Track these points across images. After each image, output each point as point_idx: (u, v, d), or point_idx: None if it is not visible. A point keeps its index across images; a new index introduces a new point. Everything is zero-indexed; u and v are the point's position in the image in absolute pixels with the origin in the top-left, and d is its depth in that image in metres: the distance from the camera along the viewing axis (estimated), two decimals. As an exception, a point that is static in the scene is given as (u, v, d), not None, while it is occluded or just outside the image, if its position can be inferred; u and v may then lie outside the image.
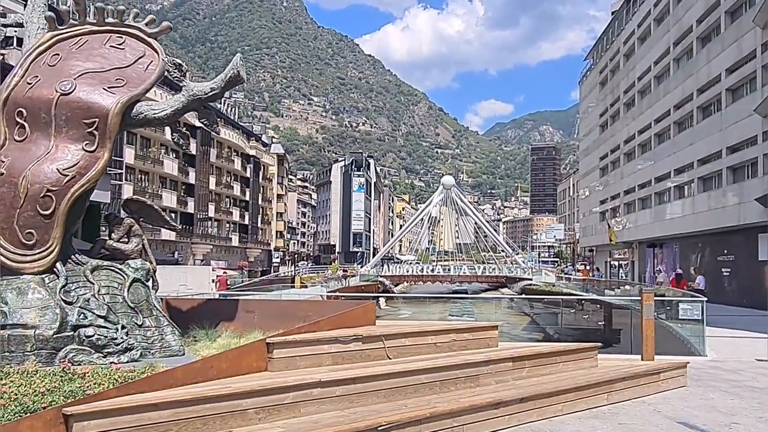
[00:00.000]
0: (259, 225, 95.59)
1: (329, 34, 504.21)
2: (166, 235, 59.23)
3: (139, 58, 8.40)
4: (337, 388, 7.07)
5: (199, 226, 73.18)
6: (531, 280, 69.21)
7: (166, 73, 8.35)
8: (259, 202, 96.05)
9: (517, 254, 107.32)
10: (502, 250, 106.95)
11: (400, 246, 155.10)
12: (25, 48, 8.52)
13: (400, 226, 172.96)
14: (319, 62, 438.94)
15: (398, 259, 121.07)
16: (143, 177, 62.77)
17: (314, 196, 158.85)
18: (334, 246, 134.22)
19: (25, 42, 8.64)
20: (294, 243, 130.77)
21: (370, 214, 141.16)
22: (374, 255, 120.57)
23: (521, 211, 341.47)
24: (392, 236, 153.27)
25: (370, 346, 8.36)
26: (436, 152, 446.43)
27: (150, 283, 8.34)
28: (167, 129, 57.29)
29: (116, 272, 8.08)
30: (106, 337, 7.34)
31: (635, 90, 54.60)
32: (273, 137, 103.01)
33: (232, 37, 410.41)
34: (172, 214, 64.38)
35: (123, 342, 7.45)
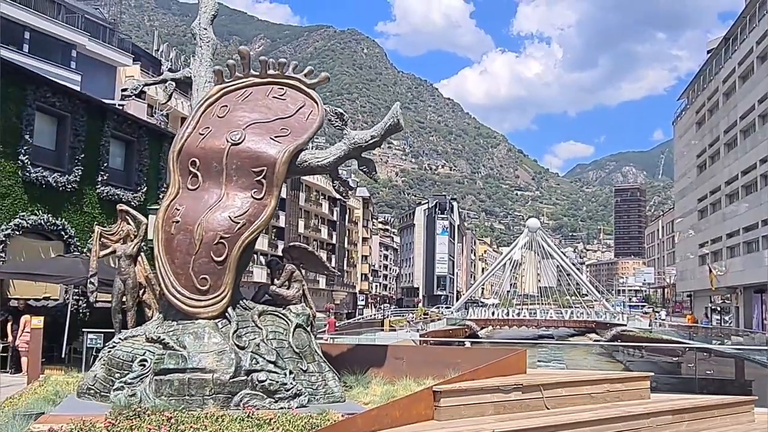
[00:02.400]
0: (344, 268, 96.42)
1: (409, 79, 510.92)
2: (257, 276, 60.33)
3: (300, 107, 8.66)
4: (509, 440, 6.93)
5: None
6: (625, 325, 66.95)
7: (327, 122, 8.56)
8: (345, 245, 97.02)
9: (606, 299, 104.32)
10: (586, 294, 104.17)
11: (482, 289, 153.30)
12: (194, 100, 8.91)
13: (483, 269, 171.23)
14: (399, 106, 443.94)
15: (482, 302, 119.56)
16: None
17: (396, 239, 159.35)
18: (418, 289, 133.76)
19: (194, 95, 9.06)
20: (376, 285, 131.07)
21: (453, 257, 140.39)
22: (457, 298, 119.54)
23: (604, 254, 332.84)
24: (474, 279, 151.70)
25: (529, 395, 8.21)
26: (516, 194, 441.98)
27: (311, 329, 8.46)
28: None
29: (280, 318, 8.23)
30: (277, 382, 7.43)
31: (737, 129, 52.79)
32: (356, 181, 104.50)
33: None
34: (263, 257, 65.62)
35: (292, 387, 7.53)
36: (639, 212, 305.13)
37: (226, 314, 7.75)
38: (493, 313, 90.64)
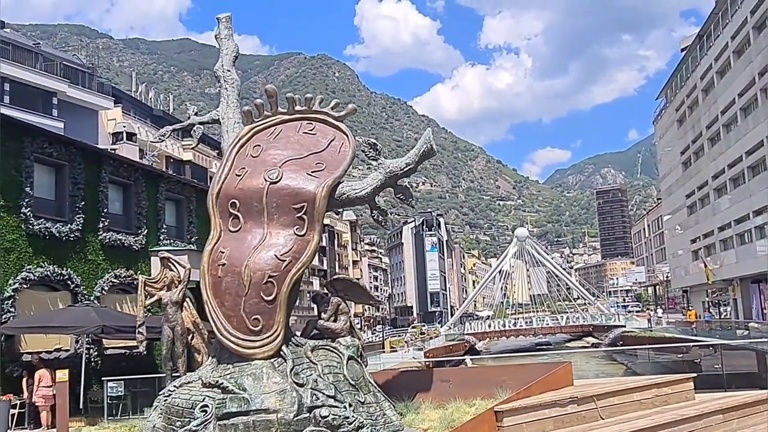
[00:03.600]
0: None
1: (382, 99, 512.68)
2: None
3: (331, 141, 8.73)
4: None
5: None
6: (624, 326, 67.14)
7: (361, 153, 8.64)
8: (336, 269, 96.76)
9: (599, 301, 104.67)
10: (577, 298, 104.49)
11: (475, 302, 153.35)
12: (225, 142, 8.96)
13: (473, 282, 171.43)
14: (375, 127, 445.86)
15: (476, 315, 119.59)
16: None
17: (384, 259, 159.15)
18: (411, 307, 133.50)
19: (224, 136, 9.10)
20: (370, 307, 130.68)
21: (444, 273, 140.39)
22: (451, 313, 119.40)
23: (591, 256, 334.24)
24: (466, 293, 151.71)
25: (584, 407, 8.28)
26: (498, 205, 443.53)
27: (361, 360, 8.46)
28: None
29: (332, 351, 8.24)
30: (340, 416, 7.43)
31: (719, 124, 53.52)
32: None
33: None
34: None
35: (354, 420, 7.53)
36: (622, 212, 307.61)
37: (281, 352, 7.75)
38: (489, 326, 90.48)
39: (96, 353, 21.36)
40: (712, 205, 57.64)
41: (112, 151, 26.19)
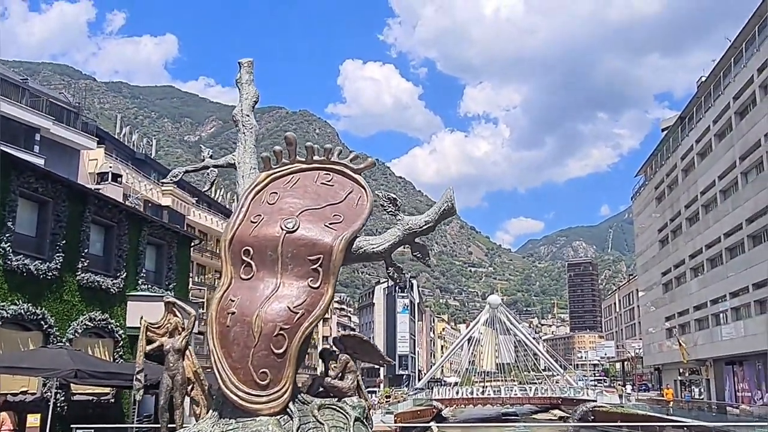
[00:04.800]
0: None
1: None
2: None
3: (349, 193, 8.54)
4: None
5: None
6: (595, 401, 66.61)
7: (379, 207, 8.45)
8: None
9: (568, 373, 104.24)
10: (544, 369, 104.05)
11: (443, 367, 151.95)
12: (240, 188, 8.73)
13: (441, 347, 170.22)
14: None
15: (444, 381, 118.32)
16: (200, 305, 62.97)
17: (354, 318, 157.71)
18: (379, 369, 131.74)
19: (240, 181, 8.88)
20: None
21: (414, 336, 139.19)
22: (419, 377, 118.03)
23: (559, 328, 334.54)
24: (434, 357, 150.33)
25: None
26: (470, 271, 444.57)
27: (368, 422, 8.11)
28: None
29: (338, 411, 7.89)
30: (346, 481, 7.05)
31: (698, 204, 54.64)
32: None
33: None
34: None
35: (361, 486, 7.15)
36: (592, 286, 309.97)
37: (288, 410, 7.39)
38: (457, 392, 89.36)
39: (63, 398, 20.60)
40: (688, 284, 58.29)
41: (97, 191, 25.76)
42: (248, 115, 9.55)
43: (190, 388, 8.66)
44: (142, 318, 9.01)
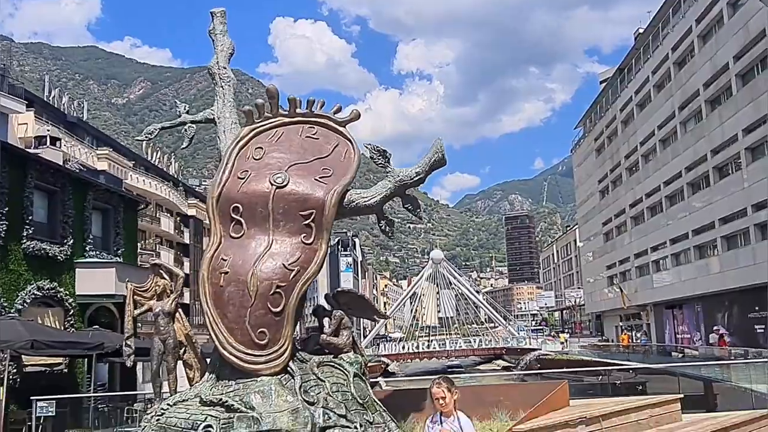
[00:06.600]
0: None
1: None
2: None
3: (335, 146, 8.30)
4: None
5: (197, 317, 71.68)
6: (540, 349, 68.38)
7: (371, 160, 8.25)
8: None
9: (511, 324, 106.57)
10: (483, 322, 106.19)
11: (386, 324, 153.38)
12: (222, 143, 8.39)
13: (384, 304, 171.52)
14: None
15: (389, 337, 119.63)
16: (140, 269, 61.64)
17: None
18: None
19: (221, 137, 8.53)
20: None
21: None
22: (363, 334, 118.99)
23: (498, 281, 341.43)
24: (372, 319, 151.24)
25: (591, 428, 8.12)
26: (409, 228, 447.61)
27: (365, 377, 8.02)
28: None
29: (337, 368, 7.76)
30: (352, 437, 6.95)
31: (638, 154, 55.75)
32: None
33: (200, 126, 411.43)
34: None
35: (367, 441, 7.07)
36: (529, 238, 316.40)
37: (288, 369, 7.22)
38: (403, 347, 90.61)
39: (15, 370, 19.89)
40: (629, 233, 59.74)
41: (37, 156, 24.60)
42: (225, 68, 9.13)
43: (182, 351, 8.37)
44: (127, 281, 8.64)
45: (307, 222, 7.59)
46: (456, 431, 5.03)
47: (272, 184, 7.61)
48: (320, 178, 7.84)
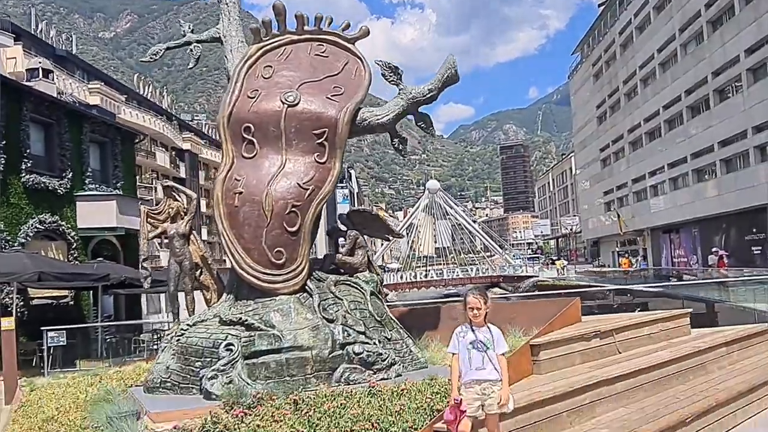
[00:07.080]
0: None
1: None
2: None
3: (345, 64, 8.14)
4: (617, 384, 6.91)
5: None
6: (538, 276, 69.02)
7: (383, 77, 8.09)
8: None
9: (509, 253, 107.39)
10: (479, 251, 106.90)
11: (383, 255, 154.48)
12: (230, 62, 8.19)
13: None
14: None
15: (387, 268, 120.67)
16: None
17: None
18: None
19: (228, 56, 8.33)
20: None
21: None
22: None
23: (493, 210, 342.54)
24: (375, 245, 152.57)
25: (605, 342, 8.21)
26: (403, 159, 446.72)
27: (381, 295, 8.06)
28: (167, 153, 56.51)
29: (354, 287, 7.79)
30: (373, 353, 7.04)
31: (637, 79, 54.87)
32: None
33: (188, 60, 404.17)
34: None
35: (387, 357, 7.15)
36: (524, 167, 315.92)
37: (306, 287, 7.23)
38: (401, 277, 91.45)
39: (21, 303, 20.00)
40: (627, 158, 59.34)
41: (31, 88, 24.15)
42: (229, -15, 8.85)
43: (198, 273, 8.35)
44: (140, 204, 8.55)
45: (320, 141, 7.50)
46: (488, 341, 5.14)
47: (284, 103, 7.48)
48: (332, 96, 7.71)
